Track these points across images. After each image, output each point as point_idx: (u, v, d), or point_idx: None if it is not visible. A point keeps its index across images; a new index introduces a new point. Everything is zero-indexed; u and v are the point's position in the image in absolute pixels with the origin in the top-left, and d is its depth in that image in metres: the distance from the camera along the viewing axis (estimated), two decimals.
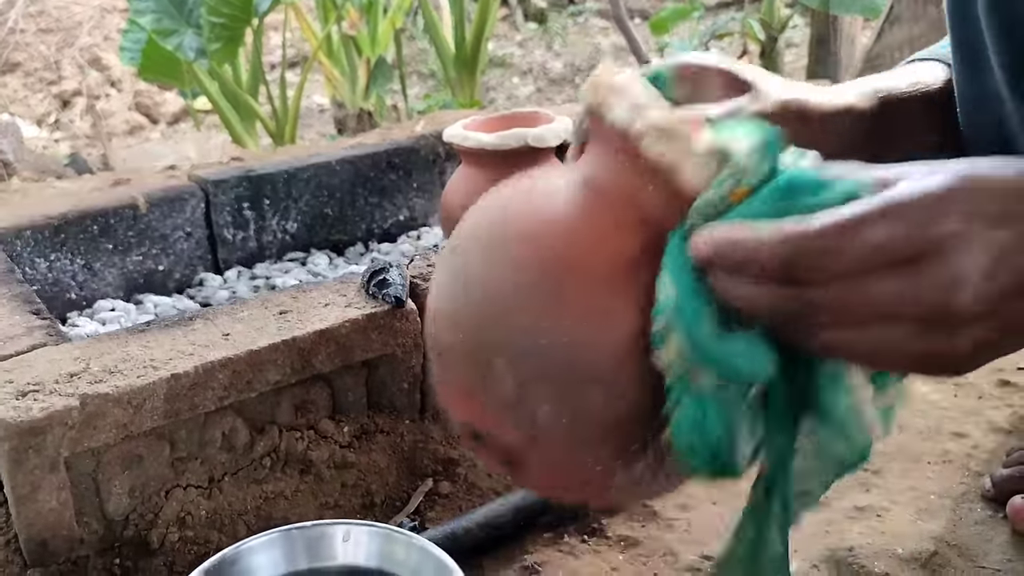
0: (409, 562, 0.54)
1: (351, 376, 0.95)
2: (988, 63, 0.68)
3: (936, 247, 0.41)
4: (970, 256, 0.41)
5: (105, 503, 0.83)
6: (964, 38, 0.70)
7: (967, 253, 0.41)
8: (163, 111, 4.39)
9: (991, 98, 0.68)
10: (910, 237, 0.41)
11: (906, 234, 0.41)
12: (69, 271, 1.31)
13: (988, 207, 0.42)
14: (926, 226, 0.41)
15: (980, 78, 0.69)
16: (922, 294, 0.41)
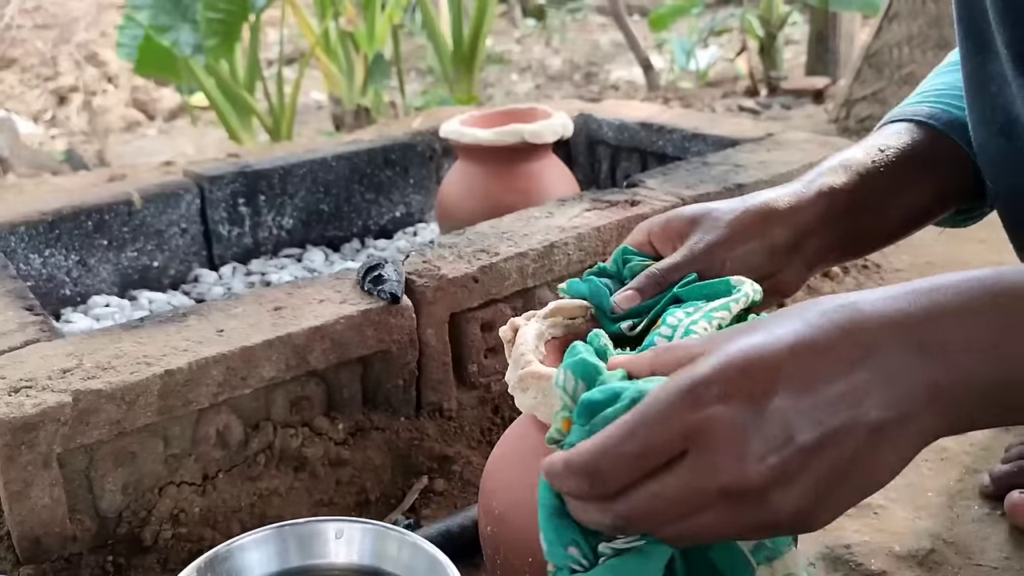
0: (402, 559, 0.53)
1: (346, 373, 0.94)
2: (993, 45, 0.68)
3: (694, 438, 0.43)
4: (729, 436, 0.43)
5: (98, 500, 0.82)
6: (970, 21, 0.70)
7: (724, 434, 0.43)
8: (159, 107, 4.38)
9: (996, 80, 0.68)
10: (664, 438, 0.44)
11: (660, 437, 0.44)
12: (63, 267, 1.30)
13: (752, 384, 0.43)
14: (678, 423, 0.44)
15: (985, 60, 0.69)
16: (700, 482, 0.44)
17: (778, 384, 0.43)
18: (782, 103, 2.96)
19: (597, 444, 0.46)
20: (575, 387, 0.52)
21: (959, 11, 0.71)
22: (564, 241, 1.06)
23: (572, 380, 0.52)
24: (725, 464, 0.43)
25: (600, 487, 0.45)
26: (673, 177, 1.25)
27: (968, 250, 1.49)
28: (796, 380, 0.43)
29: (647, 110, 1.73)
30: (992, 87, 0.69)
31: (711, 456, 0.43)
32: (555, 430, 0.52)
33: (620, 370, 0.52)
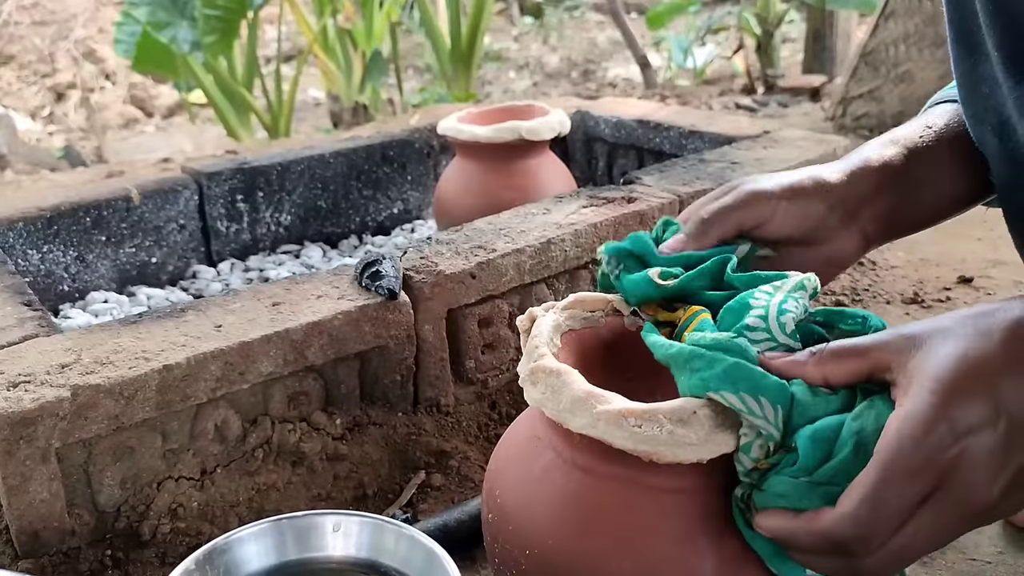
0: (399, 552, 0.54)
1: (344, 368, 0.95)
2: (984, 48, 0.68)
3: (946, 476, 0.45)
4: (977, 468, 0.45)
5: (96, 494, 0.83)
6: (961, 24, 0.70)
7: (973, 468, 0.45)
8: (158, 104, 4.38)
9: (987, 81, 0.68)
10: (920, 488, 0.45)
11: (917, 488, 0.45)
12: (62, 263, 1.30)
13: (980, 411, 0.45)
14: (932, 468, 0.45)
15: (977, 63, 0.69)
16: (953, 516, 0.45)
17: (1000, 406, 0.45)
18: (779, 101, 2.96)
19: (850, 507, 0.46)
20: (776, 415, 0.49)
21: (950, 14, 0.72)
22: (561, 238, 1.06)
23: (771, 407, 0.49)
24: (976, 494, 0.45)
25: (855, 550, 0.46)
26: (670, 174, 1.26)
27: (965, 248, 1.50)
28: (1015, 399, 0.45)
29: (644, 107, 1.73)
30: (984, 88, 0.69)
31: (962, 491, 0.45)
32: (750, 460, 0.49)
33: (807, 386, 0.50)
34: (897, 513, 0.45)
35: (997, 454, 0.44)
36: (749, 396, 0.49)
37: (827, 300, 1.33)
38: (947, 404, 0.45)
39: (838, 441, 0.47)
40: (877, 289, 1.37)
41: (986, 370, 0.45)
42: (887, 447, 0.45)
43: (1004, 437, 0.44)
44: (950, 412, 0.45)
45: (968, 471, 0.44)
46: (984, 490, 0.45)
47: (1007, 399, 0.45)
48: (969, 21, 0.69)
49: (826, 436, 0.48)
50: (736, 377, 0.50)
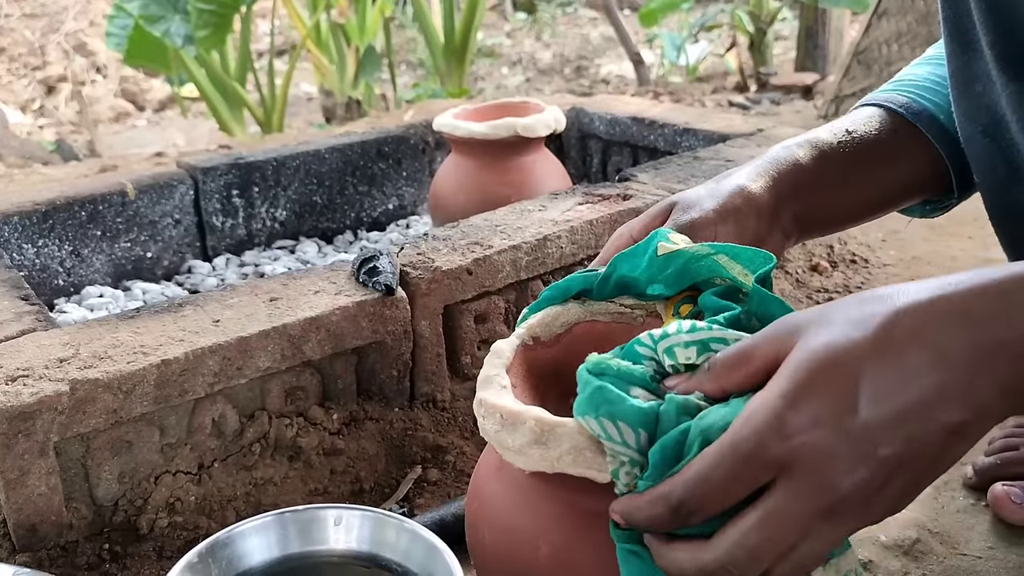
0: (400, 545, 0.54)
1: (341, 363, 0.95)
2: (978, 45, 0.69)
3: (785, 467, 0.44)
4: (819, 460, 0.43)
5: (94, 488, 0.83)
6: (955, 22, 0.71)
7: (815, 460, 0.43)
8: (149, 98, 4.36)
9: (981, 79, 0.69)
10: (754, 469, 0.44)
11: (750, 468, 0.44)
12: (57, 257, 1.30)
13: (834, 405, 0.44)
14: (768, 454, 0.44)
15: (970, 60, 0.70)
16: (799, 508, 0.44)
17: (859, 399, 0.44)
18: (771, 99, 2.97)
19: (684, 475, 0.46)
20: (637, 439, 0.49)
21: (944, 11, 0.73)
22: (557, 234, 1.07)
23: (631, 432, 0.48)
24: (820, 486, 0.44)
25: (686, 518, 0.46)
26: (664, 171, 1.27)
27: (956, 246, 1.51)
28: (875, 392, 0.44)
29: (638, 105, 1.74)
30: (977, 86, 0.70)
31: (804, 482, 0.44)
32: (623, 485, 0.49)
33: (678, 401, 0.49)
34: (728, 481, 0.44)
35: (849, 447, 0.43)
36: (608, 421, 0.49)
37: (821, 298, 1.34)
38: (797, 395, 0.44)
39: (685, 444, 0.47)
40: (870, 287, 1.38)
41: (848, 363, 0.44)
42: (735, 425, 0.45)
43: (860, 432, 0.43)
44: (798, 404, 0.44)
45: (813, 463, 0.43)
46: (836, 481, 0.43)
47: (866, 393, 0.44)
48: (963, 18, 0.70)
49: (673, 443, 0.47)
50: (598, 401, 0.49)
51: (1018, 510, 0.85)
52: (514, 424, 0.53)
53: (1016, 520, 0.85)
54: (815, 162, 0.74)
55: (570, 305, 0.65)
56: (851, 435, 0.43)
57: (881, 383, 0.44)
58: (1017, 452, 0.90)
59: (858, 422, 0.43)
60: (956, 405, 0.44)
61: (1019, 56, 0.67)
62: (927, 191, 0.79)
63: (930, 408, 0.44)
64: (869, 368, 0.44)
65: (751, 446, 0.44)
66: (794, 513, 0.44)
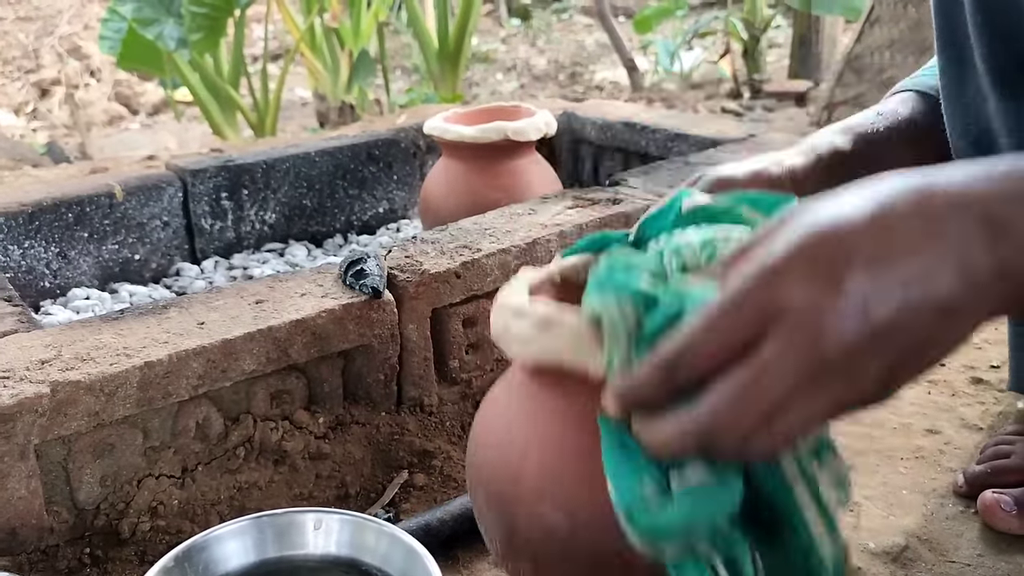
0: (379, 550, 0.53)
1: (327, 367, 0.94)
2: (973, 63, 0.69)
3: (773, 319, 0.43)
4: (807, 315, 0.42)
5: (76, 492, 0.82)
6: (950, 39, 0.71)
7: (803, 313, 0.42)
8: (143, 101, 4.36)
9: (975, 96, 0.69)
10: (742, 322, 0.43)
11: (738, 322, 0.44)
12: (43, 259, 1.29)
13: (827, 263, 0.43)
14: (755, 305, 0.43)
15: (965, 77, 0.70)
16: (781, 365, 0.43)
17: (853, 261, 0.43)
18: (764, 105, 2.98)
19: (674, 339, 0.45)
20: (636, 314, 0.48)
21: (938, 24, 0.73)
22: (546, 238, 1.06)
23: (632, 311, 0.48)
24: (809, 340, 0.42)
25: (678, 379, 0.45)
26: (655, 176, 1.26)
27: None
28: (870, 257, 0.43)
29: (630, 110, 1.74)
30: (968, 100, 0.70)
31: (794, 334, 0.42)
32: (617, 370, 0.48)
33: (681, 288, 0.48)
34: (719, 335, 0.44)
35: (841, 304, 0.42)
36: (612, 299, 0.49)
37: None
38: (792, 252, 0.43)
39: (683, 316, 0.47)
40: None
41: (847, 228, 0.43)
42: (725, 284, 0.45)
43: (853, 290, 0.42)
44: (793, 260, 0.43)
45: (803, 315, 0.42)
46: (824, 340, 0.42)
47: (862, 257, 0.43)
48: (957, 33, 0.70)
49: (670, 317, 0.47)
50: (605, 281, 0.50)
51: (1008, 518, 0.84)
52: (521, 314, 0.54)
53: (1006, 528, 0.84)
54: (852, 144, 0.75)
55: None
56: (843, 293, 0.42)
57: (878, 250, 0.43)
58: (1007, 460, 0.90)
59: (852, 282, 0.42)
60: (951, 278, 0.42)
61: (1012, 72, 0.67)
62: None
63: (926, 278, 0.42)
64: (867, 235, 0.43)
65: (743, 295, 0.43)
66: (780, 370, 0.43)
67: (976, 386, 1.11)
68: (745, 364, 0.43)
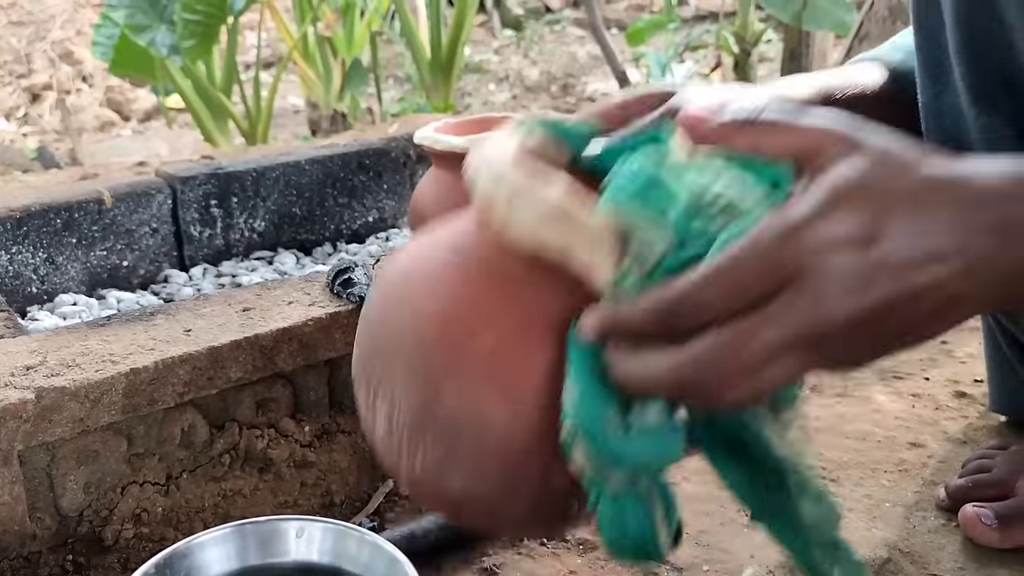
0: (361, 558, 0.54)
1: (313, 375, 0.94)
2: (951, 80, 0.70)
3: (796, 277, 0.42)
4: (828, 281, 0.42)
5: (59, 498, 0.82)
6: (930, 56, 0.72)
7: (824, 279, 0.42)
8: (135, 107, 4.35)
9: (953, 112, 0.70)
10: (761, 273, 0.43)
11: (758, 271, 0.43)
12: (31, 264, 1.29)
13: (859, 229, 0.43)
14: (778, 260, 0.43)
15: (943, 94, 0.71)
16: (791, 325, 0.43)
17: (885, 231, 0.42)
18: None
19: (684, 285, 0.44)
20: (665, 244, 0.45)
21: (919, 42, 0.73)
22: None
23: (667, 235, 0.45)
24: (820, 302, 0.42)
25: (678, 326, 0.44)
26: None
27: None
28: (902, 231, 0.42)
29: None
30: (946, 120, 0.71)
31: (807, 296, 0.42)
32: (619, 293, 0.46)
33: None
34: (733, 292, 0.43)
35: (857, 277, 0.42)
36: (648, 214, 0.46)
37: None
38: (826, 210, 0.43)
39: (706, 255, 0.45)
40: None
41: (886, 195, 0.43)
42: (750, 234, 0.44)
43: (872, 265, 0.42)
44: (827, 217, 0.43)
45: (822, 280, 0.42)
46: (833, 309, 0.42)
47: (894, 231, 0.42)
48: (938, 51, 0.71)
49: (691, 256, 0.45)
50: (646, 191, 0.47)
51: (988, 531, 0.85)
52: (533, 192, 0.47)
53: (986, 541, 0.85)
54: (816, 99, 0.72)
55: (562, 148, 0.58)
56: (866, 261, 0.42)
57: (910, 225, 0.43)
58: (988, 474, 0.91)
59: (877, 251, 0.42)
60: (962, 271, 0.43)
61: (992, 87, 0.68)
62: None
63: (945, 265, 0.42)
64: (903, 207, 0.43)
65: (768, 246, 0.43)
66: (780, 329, 0.42)
67: (960, 400, 1.12)
68: (745, 318, 0.43)
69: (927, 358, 1.21)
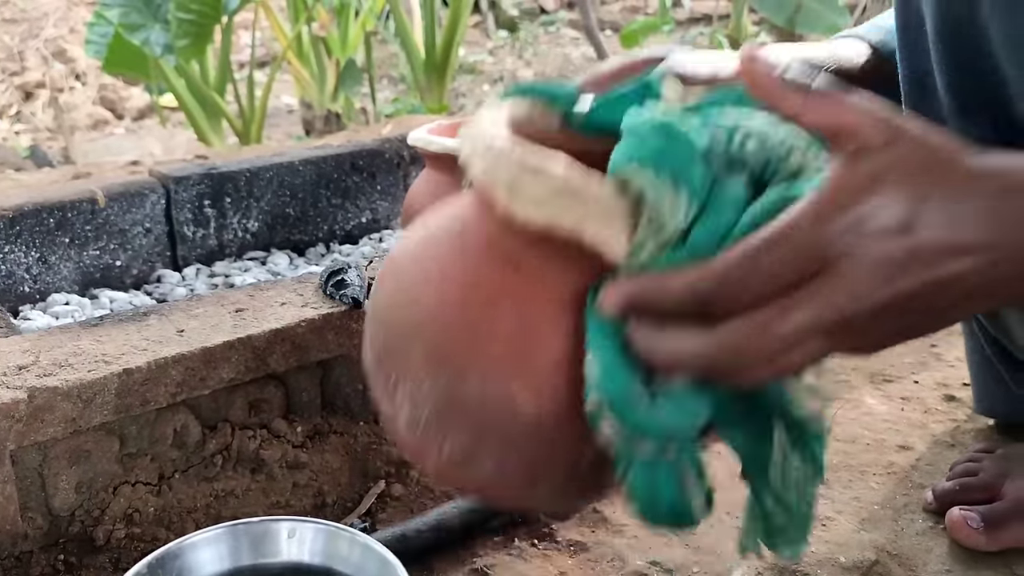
0: (352, 559, 0.54)
1: (306, 376, 0.95)
2: (934, 88, 0.70)
3: (835, 261, 0.43)
4: (860, 269, 0.42)
5: (51, 498, 0.82)
6: (914, 65, 0.73)
7: (857, 267, 0.42)
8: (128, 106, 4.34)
9: (936, 121, 0.70)
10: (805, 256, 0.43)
11: (802, 255, 0.43)
12: (23, 264, 1.29)
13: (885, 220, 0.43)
14: (816, 246, 0.43)
15: (927, 102, 0.72)
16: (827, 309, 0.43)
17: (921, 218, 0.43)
18: None
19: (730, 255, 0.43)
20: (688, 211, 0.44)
21: (902, 51, 0.74)
22: None
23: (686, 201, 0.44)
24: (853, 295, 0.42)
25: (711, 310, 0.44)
26: None
27: None
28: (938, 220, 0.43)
29: None
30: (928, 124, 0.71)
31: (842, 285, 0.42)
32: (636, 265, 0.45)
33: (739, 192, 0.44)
34: (770, 276, 0.43)
35: (891, 265, 0.42)
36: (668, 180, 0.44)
37: None
38: (866, 194, 0.43)
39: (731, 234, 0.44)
40: None
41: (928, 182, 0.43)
42: (785, 217, 0.44)
43: (906, 253, 0.43)
44: (866, 202, 0.43)
45: (857, 267, 0.42)
46: (865, 295, 0.42)
47: (929, 220, 0.43)
48: (920, 60, 0.72)
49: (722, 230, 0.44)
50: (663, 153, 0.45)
51: (974, 534, 0.85)
52: (539, 168, 0.46)
53: (973, 544, 0.86)
54: None
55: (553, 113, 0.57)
56: (900, 249, 0.43)
57: (945, 213, 0.43)
58: (976, 478, 0.91)
59: (911, 240, 0.43)
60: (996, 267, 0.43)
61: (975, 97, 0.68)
62: None
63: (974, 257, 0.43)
64: (939, 197, 0.43)
65: (808, 233, 0.43)
66: (811, 314, 0.43)
67: (948, 403, 1.12)
68: (776, 302, 0.43)
69: (916, 361, 1.22)
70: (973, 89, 0.68)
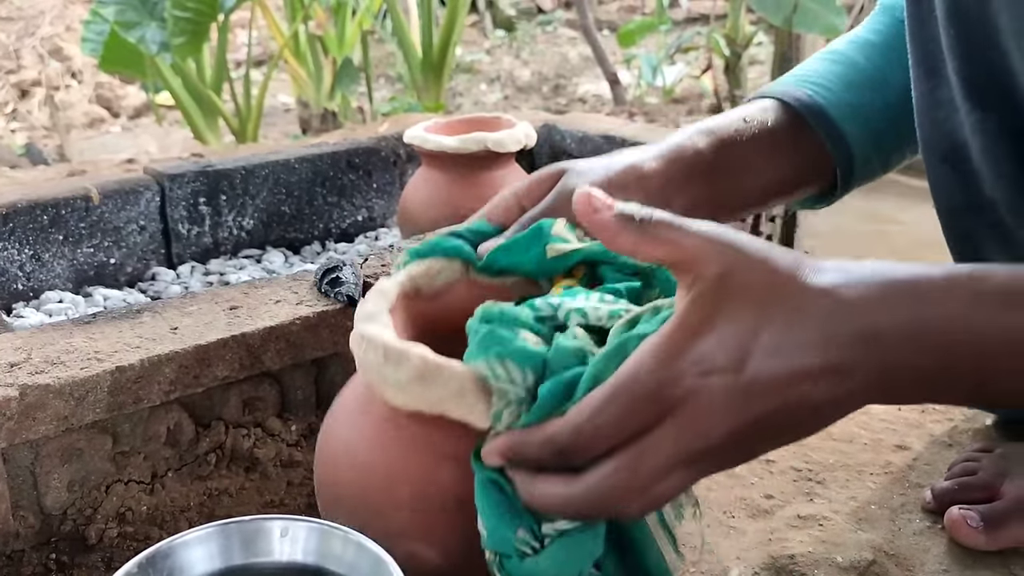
0: (346, 558, 0.53)
1: (300, 374, 0.94)
2: (945, 74, 0.70)
3: (674, 409, 0.45)
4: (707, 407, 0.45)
5: (42, 497, 0.81)
6: (923, 51, 0.72)
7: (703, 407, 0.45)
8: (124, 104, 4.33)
9: (945, 106, 0.70)
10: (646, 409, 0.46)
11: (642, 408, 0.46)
12: (16, 261, 1.28)
13: (730, 360, 0.45)
14: (659, 396, 0.45)
15: (936, 88, 0.71)
16: (676, 450, 0.46)
17: (754, 352, 0.45)
18: None
19: (576, 415, 0.47)
20: (524, 378, 0.50)
21: (912, 36, 0.74)
22: None
23: (519, 371, 0.50)
24: (697, 433, 0.45)
25: (570, 459, 0.47)
26: None
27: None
28: (770, 349, 0.45)
29: (610, 123, 1.75)
30: (940, 113, 0.71)
31: (685, 428, 0.45)
32: (502, 427, 0.50)
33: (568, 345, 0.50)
34: (619, 426, 0.46)
35: (731, 401, 0.45)
36: (496, 360, 0.50)
37: None
38: (702, 334, 0.45)
39: (577, 385, 0.48)
40: None
41: (754, 316, 0.45)
42: (626, 367, 0.46)
43: (743, 389, 0.45)
44: (704, 341, 0.45)
45: (699, 407, 0.45)
46: (712, 430, 0.45)
47: (761, 347, 0.45)
48: (930, 44, 0.71)
49: (564, 384, 0.49)
50: (487, 343, 0.51)
51: (973, 534, 0.85)
52: (398, 360, 0.52)
53: (971, 544, 0.85)
54: (711, 149, 0.75)
55: (455, 263, 0.65)
56: (737, 387, 0.45)
57: (779, 342, 0.45)
58: (975, 477, 0.91)
59: (747, 375, 0.45)
60: (831, 384, 0.45)
61: (985, 84, 0.68)
62: (817, 183, 0.81)
63: (814, 380, 0.45)
64: (776, 322, 0.45)
65: (646, 387, 0.45)
66: (665, 455, 0.45)
67: None
68: (634, 448, 0.46)
69: None
70: (983, 75, 0.68)
